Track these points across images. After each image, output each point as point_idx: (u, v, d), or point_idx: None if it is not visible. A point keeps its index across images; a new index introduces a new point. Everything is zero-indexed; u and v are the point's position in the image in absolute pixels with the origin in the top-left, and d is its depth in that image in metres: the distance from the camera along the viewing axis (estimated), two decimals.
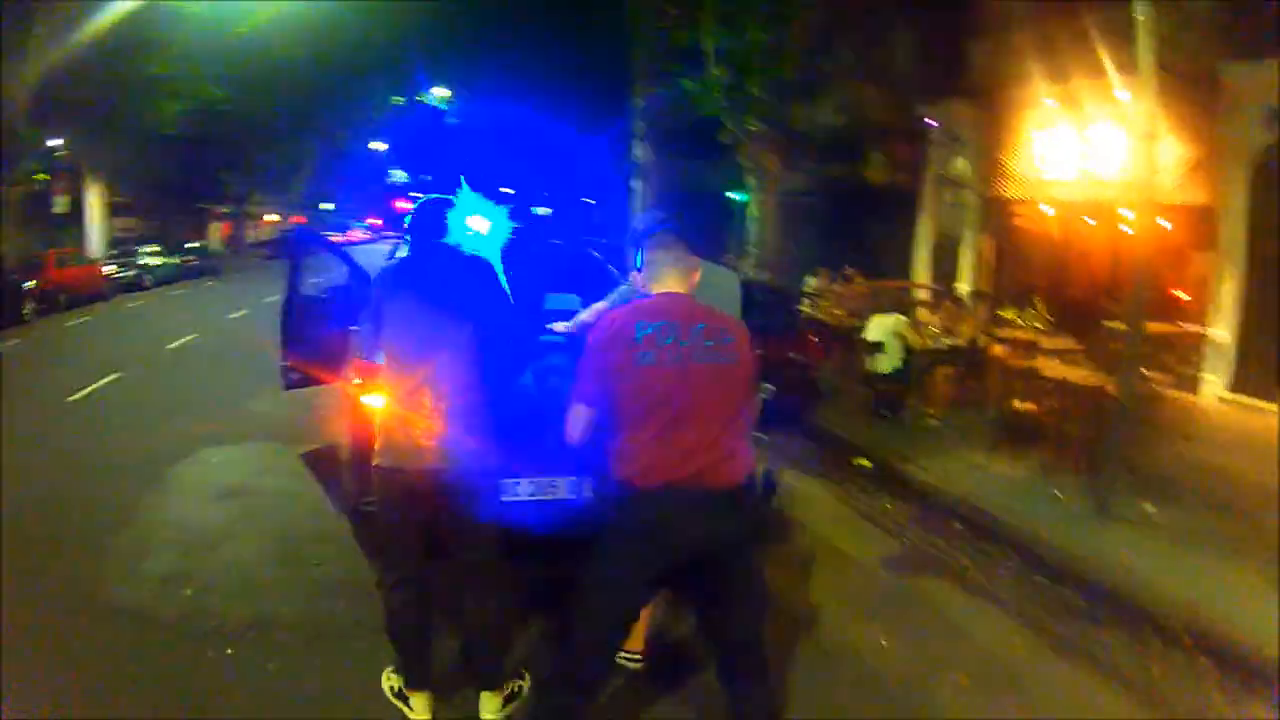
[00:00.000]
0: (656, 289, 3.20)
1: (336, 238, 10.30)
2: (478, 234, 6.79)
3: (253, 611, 4.72)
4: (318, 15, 23.90)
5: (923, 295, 16.99)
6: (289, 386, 7.72)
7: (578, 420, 3.16)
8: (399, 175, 76.22)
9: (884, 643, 4.88)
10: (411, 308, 3.62)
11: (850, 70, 15.97)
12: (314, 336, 7.38)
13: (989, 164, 16.46)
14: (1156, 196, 7.17)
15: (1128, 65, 11.32)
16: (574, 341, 4.44)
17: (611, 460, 3.08)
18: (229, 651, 4.27)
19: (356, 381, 4.94)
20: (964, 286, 16.97)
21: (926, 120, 17.62)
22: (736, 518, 3.09)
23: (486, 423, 3.65)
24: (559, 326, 4.68)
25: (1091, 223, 14.86)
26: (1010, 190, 16.12)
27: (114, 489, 7.01)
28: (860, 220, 19.62)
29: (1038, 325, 14.22)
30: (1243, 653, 4.87)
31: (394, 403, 3.61)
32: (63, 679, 4.11)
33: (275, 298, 23.53)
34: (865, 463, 8.52)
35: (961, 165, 17.64)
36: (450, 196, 4.16)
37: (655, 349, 2.99)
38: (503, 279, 4.04)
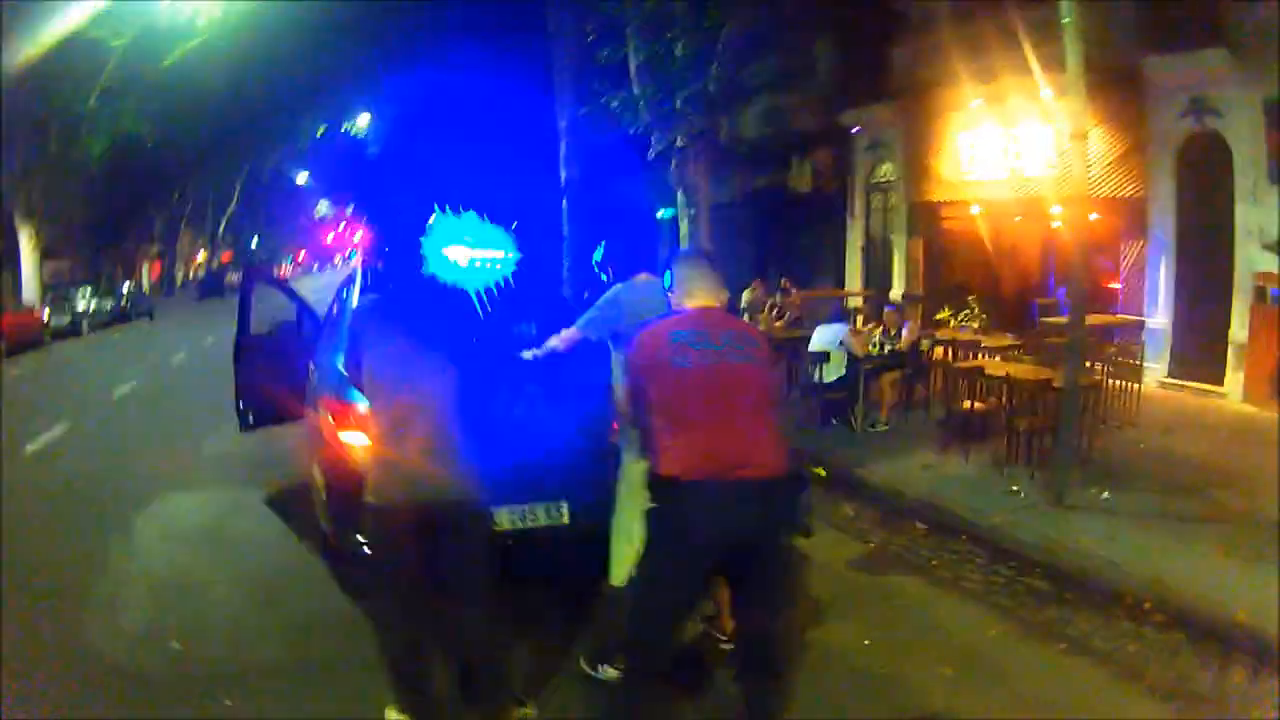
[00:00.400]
0: (690, 303, 3.54)
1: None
2: (458, 266, 6.88)
3: (244, 659, 4.67)
4: (243, 46, 23.58)
5: (857, 302, 17.37)
6: (246, 428, 7.67)
7: (630, 413, 3.69)
8: (324, 207, 75.28)
9: (866, 641, 4.98)
10: (401, 341, 3.63)
11: (774, 79, 16.25)
12: (268, 376, 7.40)
13: (916, 167, 16.91)
14: (1088, 192, 7.37)
15: (1052, 63, 11.94)
16: (543, 367, 4.46)
17: (654, 458, 3.33)
18: (228, 703, 4.19)
19: (330, 419, 4.92)
20: (896, 290, 17.37)
21: (851, 126, 18.02)
22: (771, 508, 3.33)
23: (476, 452, 3.70)
24: (527, 354, 4.66)
25: (1021, 220, 15.35)
26: (938, 192, 16.57)
27: (82, 541, 6.81)
28: (789, 230, 19.97)
29: (973, 325, 14.64)
30: (1211, 622, 5.06)
31: (386, 438, 3.62)
32: None
33: (213, 338, 23.07)
34: (820, 471, 8.62)
35: (888, 169, 18.07)
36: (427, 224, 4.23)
37: (691, 353, 3.29)
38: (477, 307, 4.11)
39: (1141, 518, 6.72)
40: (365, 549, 4.63)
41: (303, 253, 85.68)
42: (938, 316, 15.46)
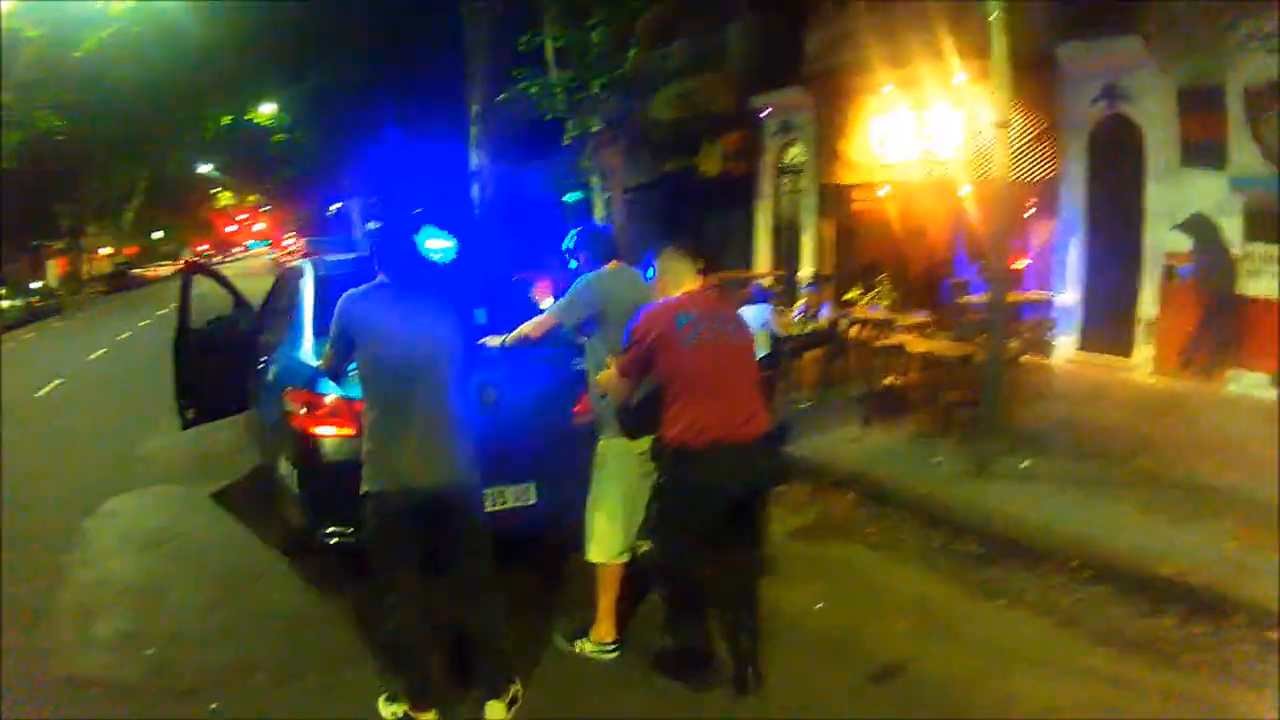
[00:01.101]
0: (677, 290, 4.07)
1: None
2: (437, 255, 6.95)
3: (223, 660, 4.64)
4: (152, 35, 23.00)
5: (769, 283, 17.75)
6: (188, 425, 7.62)
7: (621, 388, 4.08)
8: (226, 197, 73.59)
9: (820, 605, 5.29)
10: (397, 330, 3.73)
11: (686, 63, 16.50)
12: (208, 371, 7.43)
13: (827, 150, 17.35)
14: (1007, 175, 7.87)
15: (965, 49, 12.51)
16: (508, 355, 4.55)
17: (664, 427, 3.92)
18: (214, 706, 4.16)
19: (302, 412, 4.99)
20: (806, 270, 17.83)
21: (761, 110, 18.39)
22: (763, 463, 4.04)
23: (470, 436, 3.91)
24: (496, 340, 4.75)
25: (931, 202, 15.94)
26: (849, 175, 17.06)
27: (33, 552, 6.58)
28: (699, 212, 20.25)
29: (883, 303, 15.17)
30: (1137, 576, 5.49)
31: (384, 425, 3.72)
32: None
33: (129, 333, 22.14)
34: None
35: (798, 152, 18.51)
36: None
37: (694, 333, 3.88)
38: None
39: (1062, 483, 7.18)
40: (339, 540, 4.91)
41: (205, 245, 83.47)
42: (847, 296, 15.92)
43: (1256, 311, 10.45)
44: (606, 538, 4.44)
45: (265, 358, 6.28)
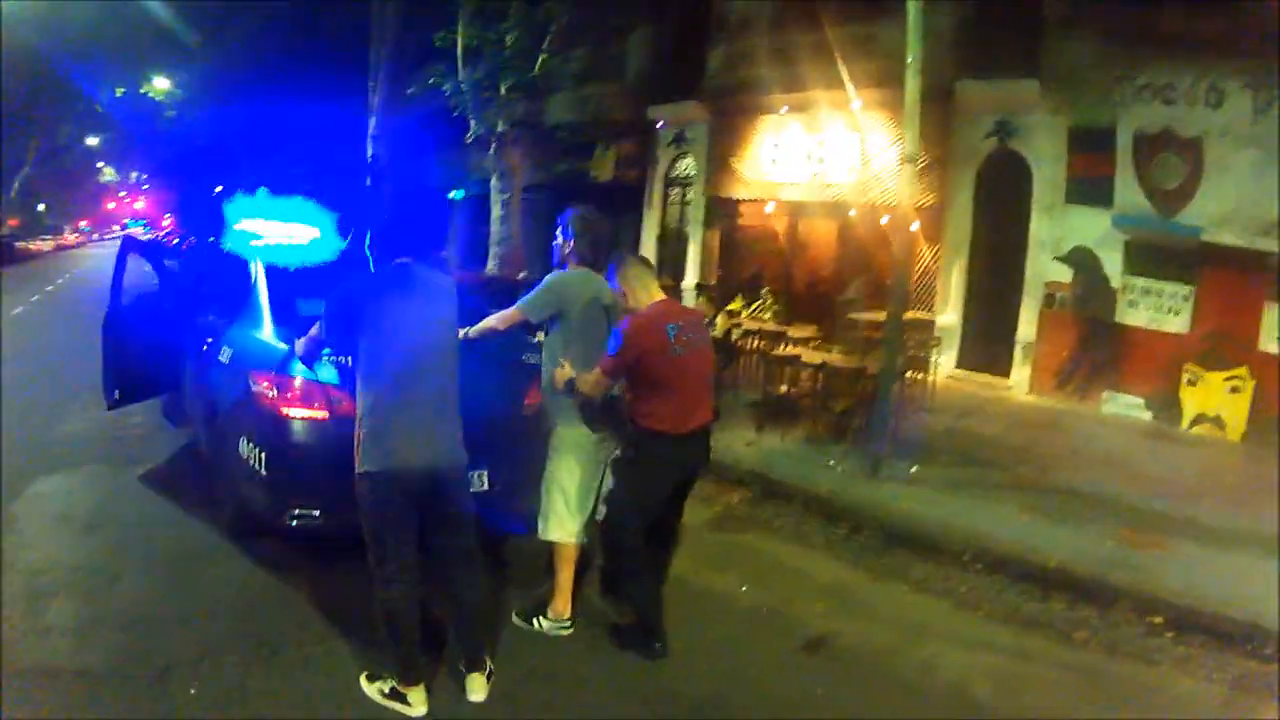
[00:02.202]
0: (650, 297, 4.55)
1: None
2: (295, 242, 7.01)
3: (190, 643, 4.53)
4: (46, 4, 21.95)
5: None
6: (114, 404, 7.45)
7: (600, 386, 4.48)
8: (109, 173, 70.47)
9: (744, 588, 5.68)
10: (408, 315, 3.92)
11: (587, 69, 16.84)
12: (136, 350, 7.31)
13: (718, 163, 17.95)
14: (910, 204, 8.64)
15: (861, 76, 13.29)
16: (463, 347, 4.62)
17: (645, 418, 4.47)
18: (193, 691, 4.10)
19: (272, 393, 5.11)
20: (690, 280, 18.40)
21: (655, 120, 18.90)
22: (706, 447, 4.79)
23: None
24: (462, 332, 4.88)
25: (817, 221, 16.75)
26: (738, 189, 17.68)
27: None
28: None
29: (764, 315, 15.81)
30: (1026, 568, 6.09)
31: (387, 407, 3.86)
32: None
33: (21, 308, 20.63)
34: None
35: (689, 164, 19.08)
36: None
37: (680, 342, 4.42)
38: None
39: (950, 486, 7.81)
40: (306, 521, 5.05)
41: (85, 221, 79.24)
42: (730, 307, 16.50)
43: (1132, 339, 11.54)
44: (565, 518, 4.69)
45: (209, 339, 6.27)
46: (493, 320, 4.84)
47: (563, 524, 4.70)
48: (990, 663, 4.83)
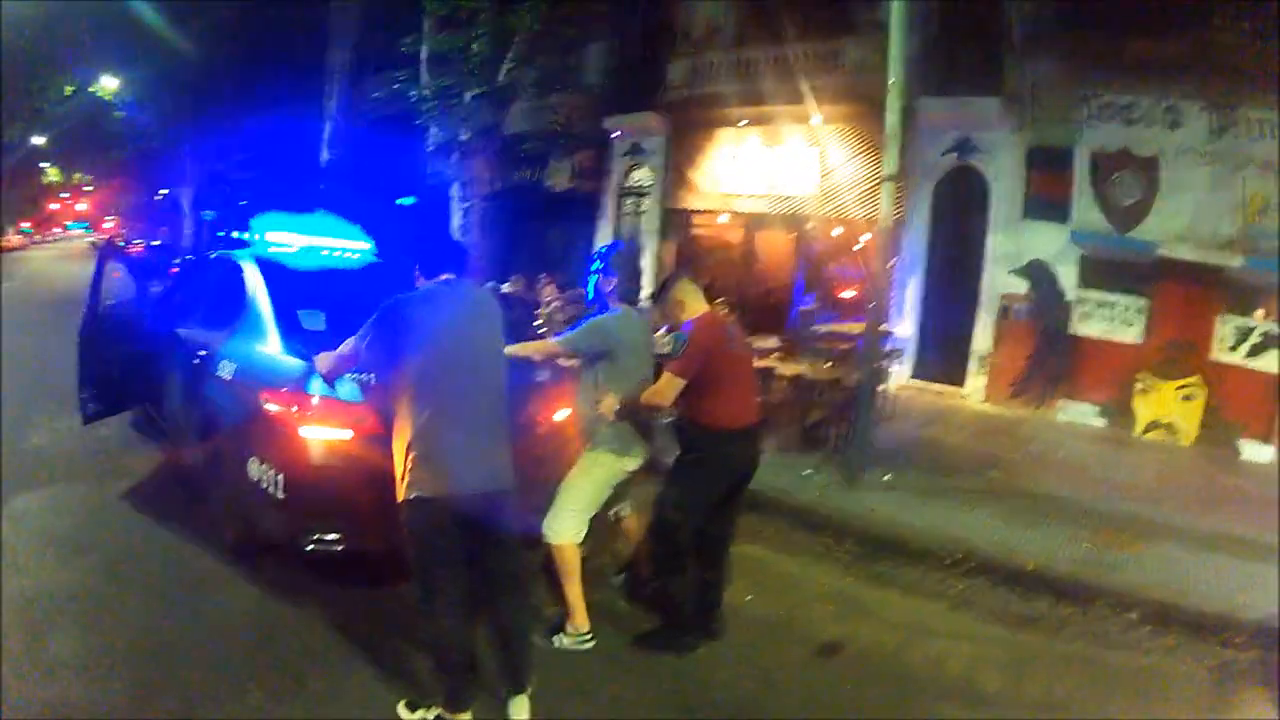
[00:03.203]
0: (699, 309, 4.95)
1: None
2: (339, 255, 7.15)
3: (207, 678, 4.35)
4: None
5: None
6: (91, 418, 7.37)
7: (672, 389, 4.72)
8: (54, 174, 68.85)
9: (749, 597, 5.93)
10: (456, 335, 3.93)
11: (546, 79, 17.16)
12: (113, 361, 7.24)
13: (675, 175, 18.45)
14: (887, 222, 9.01)
15: (821, 92, 13.85)
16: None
17: (705, 415, 4.81)
18: None
19: (290, 412, 4.94)
20: (645, 291, 18.76)
21: (613, 131, 19.30)
22: (761, 444, 5.21)
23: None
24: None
25: (774, 233, 17.30)
26: (695, 201, 18.22)
27: None
28: (543, 226, 20.92)
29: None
30: (1008, 570, 6.56)
31: (437, 431, 3.81)
32: None
33: None
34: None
35: (646, 175, 19.52)
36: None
37: (738, 344, 4.97)
38: None
39: (925, 494, 8.27)
40: (328, 547, 4.93)
41: (27, 223, 76.78)
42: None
43: (1086, 349, 12.27)
44: (571, 525, 4.93)
45: (201, 351, 6.07)
46: (530, 349, 5.14)
47: (568, 530, 4.92)
48: (993, 657, 5.28)
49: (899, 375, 13.48)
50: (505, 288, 16.68)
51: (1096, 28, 11.61)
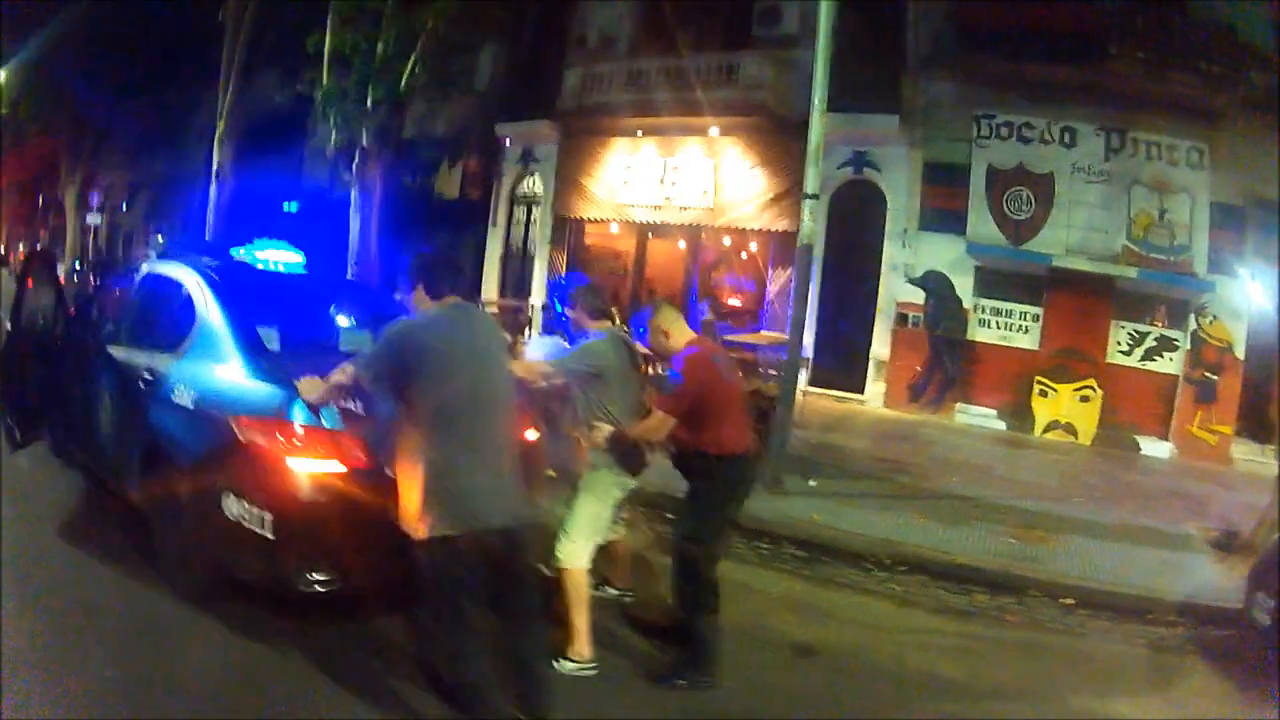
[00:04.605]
0: (686, 336, 5.08)
1: None
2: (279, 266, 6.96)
3: None
4: None
5: (494, 310, 18.72)
6: (19, 445, 6.98)
7: (665, 426, 4.86)
8: None
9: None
10: (467, 361, 3.79)
11: (446, 82, 17.21)
12: (38, 382, 6.90)
13: (568, 183, 18.70)
14: (811, 240, 9.51)
15: (719, 105, 14.36)
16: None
17: (712, 445, 4.87)
18: None
19: (275, 442, 4.55)
20: (536, 299, 19.03)
21: (503, 137, 19.47)
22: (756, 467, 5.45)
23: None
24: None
25: (669, 243, 17.78)
26: (588, 210, 18.52)
27: None
28: (431, 233, 20.89)
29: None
30: (940, 566, 7.08)
31: (453, 463, 3.69)
32: None
33: None
34: (550, 472, 9.73)
35: (537, 183, 19.77)
36: None
37: (730, 371, 5.08)
38: None
39: (848, 497, 8.77)
40: (319, 587, 4.55)
41: None
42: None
43: (983, 355, 13.12)
44: (581, 549, 5.00)
45: (146, 374, 5.56)
46: (521, 370, 5.05)
47: (577, 553, 4.99)
48: (950, 648, 5.72)
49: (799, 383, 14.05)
50: (398, 296, 16.66)
51: (994, 52, 12.47)
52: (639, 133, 16.96)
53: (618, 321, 5.53)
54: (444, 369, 3.70)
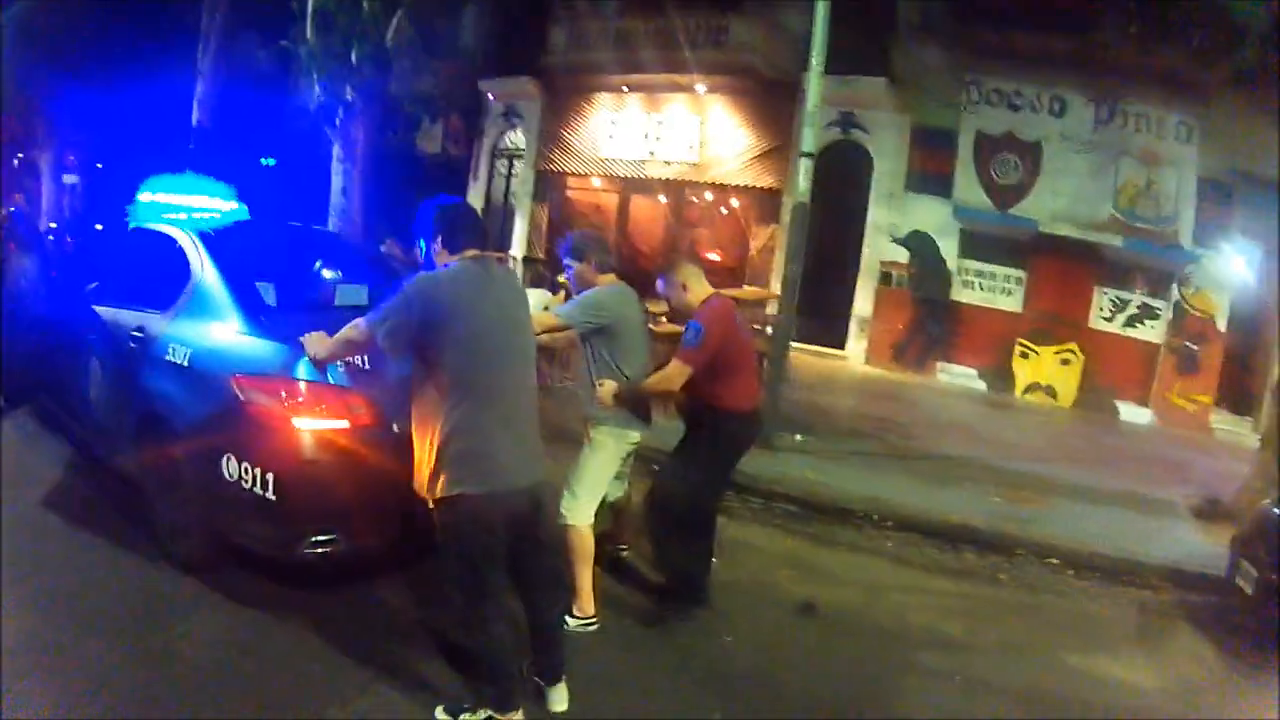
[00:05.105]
0: (705, 292, 5.15)
1: None
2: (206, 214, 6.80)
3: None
4: None
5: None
6: (3, 413, 6.91)
7: (682, 377, 4.89)
8: None
9: (714, 561, 6.04)
10: (490, 316, 3.67)
11: (430, 39, 17.09)
12: (26, 343, 6.79)
13: (551, 139, 18.68)
14: (804, 199, 9.48)
15: (707, 63, 14.37)
16: None
17: (721, 399, 5.03)
18: None
19: (279, 401, 4.41)
20: (518, 253, 19.08)
21: (487, 94, 19.41)
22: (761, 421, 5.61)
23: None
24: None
25: (651, 199, 17.84)
26: (571, 164, 18.51)
27: None
28: (414, 189, 20.79)
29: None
30: (930, 525, 7.27)
31: (479, 421, 3.60)
32: None
33: None
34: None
35: (519, 138, 19.70)
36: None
37: (747, 329, 5.26)
38: None
39: (836, 456, 8.92)
40: (321, 549, 4.46)
41: None
42: (559, 279, 17.32)
43: (966, 316, 13.37)
44: (587, 506, 5.00)
45: (137, 332, 5.34)
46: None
47: (585, 511, 4.99)
48: (947, 607, 5.92)
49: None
50: (382, 250, 16.64)
51: (985, 20, 12.57)
52: (624, 89, 16.95)
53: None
54: (468, 326, 3.57)
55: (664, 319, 11.13)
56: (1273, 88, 11.35)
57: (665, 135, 16.72)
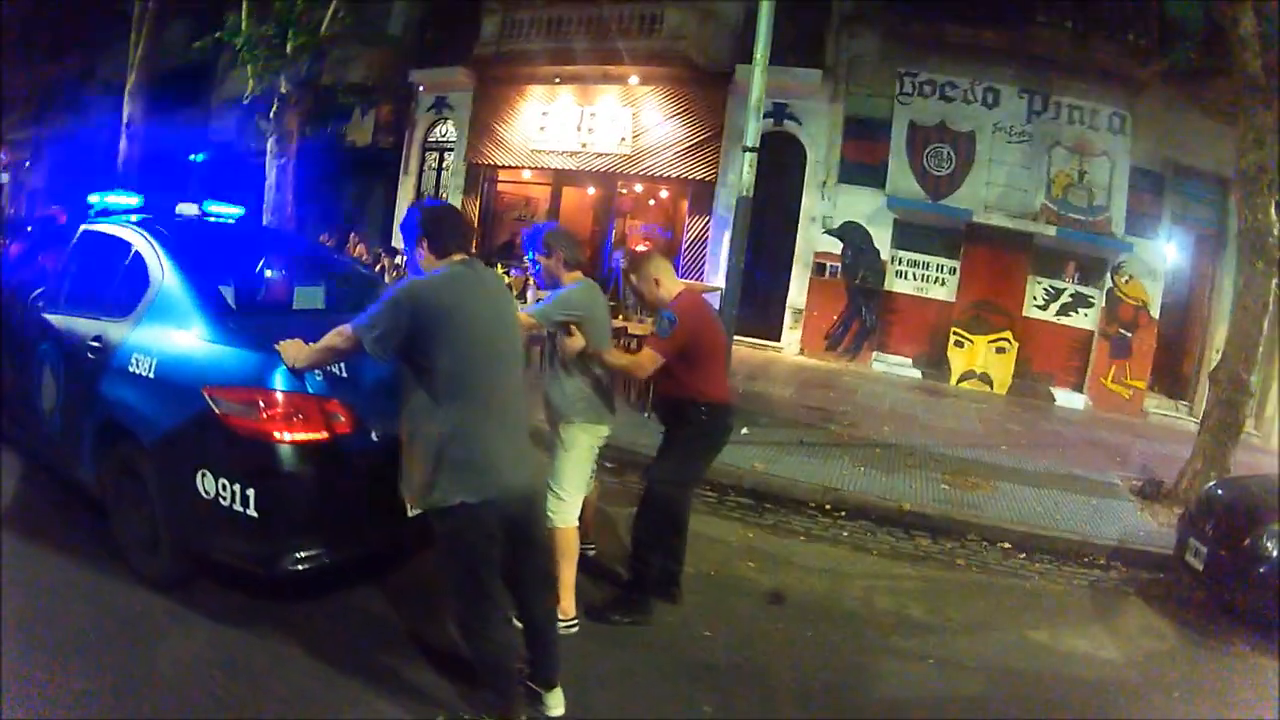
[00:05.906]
0: (676, 285, 5.19)
1: None
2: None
3: None
4: None
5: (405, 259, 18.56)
6: None
7: (653, 363, 4.98)
8: None
9: None
10: (482, 322, 3.66)
11: (362, 28, 16.85)
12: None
13: (483, 131, 18.50)
14: (747, 193, 9.59)
15: (640, 54, 14.42)
16: None
17: (701, 392, 5.09)
18: None
19: (258, 412, 4.21)
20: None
21: (417, 84, 19.20)
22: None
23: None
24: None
25: (584, 192, 17.85)
26: (501, 157, 18.36)
27: None
28: (343, 183, 20.53)
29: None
30: (882, 513, 7.47)
31: (474, 427, 3.58)
32: None
33: None
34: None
35: (448, 130, 19.50)
36: None
37: (719, 321, 5.33)
38: None
39: (783, 446, 9.01)
40: (308, 563, 4.32)
41: None
42: (499, 270, 17.31)
43: (900, 305, 13.64)
44: (573, 506, 4.98)
45: (94, 342, 5.08)
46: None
47: (569, 512, 4.97)
48: (909, 590, 6.05)
49: None
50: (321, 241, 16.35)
51: (919, 12, 12.82)
52: (556, 80, 16.85)
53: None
54: (462, 330, 3.55)
55: (637, 321, 11.24)
56: (1204, 80, 11.82)
57: (597, 127, 16.67)
